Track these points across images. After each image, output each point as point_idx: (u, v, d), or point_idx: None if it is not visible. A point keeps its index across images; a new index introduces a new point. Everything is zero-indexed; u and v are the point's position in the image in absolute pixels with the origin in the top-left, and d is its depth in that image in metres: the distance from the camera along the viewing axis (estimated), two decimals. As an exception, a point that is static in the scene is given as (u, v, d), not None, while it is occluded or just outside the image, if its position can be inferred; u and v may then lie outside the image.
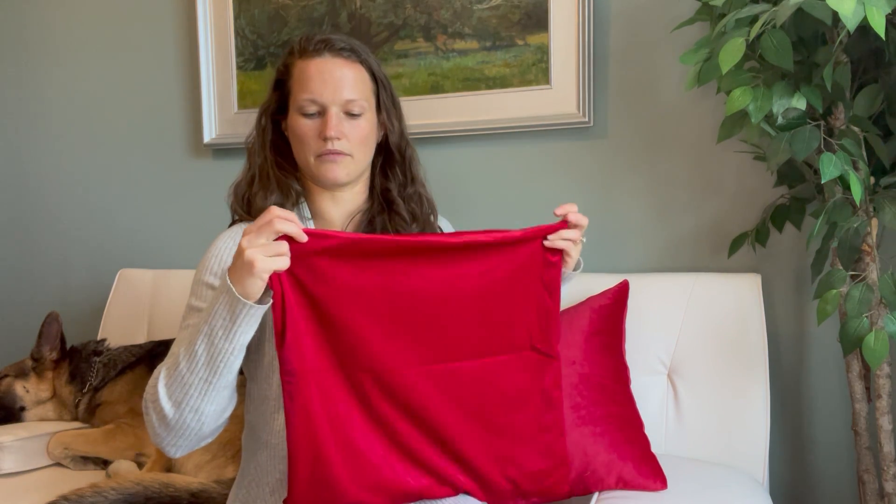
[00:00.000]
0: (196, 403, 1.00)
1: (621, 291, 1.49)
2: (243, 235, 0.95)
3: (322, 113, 1.15)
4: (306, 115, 1.15)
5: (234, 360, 0.99)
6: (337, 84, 1.15)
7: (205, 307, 1.03)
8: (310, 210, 1.22)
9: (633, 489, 1.27)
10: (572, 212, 1.09)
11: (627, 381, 1.42)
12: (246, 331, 0.98)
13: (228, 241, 1.16)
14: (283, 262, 0.94)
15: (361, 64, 1.18)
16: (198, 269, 1.16)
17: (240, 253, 0.93)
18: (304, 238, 0.96)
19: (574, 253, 1.12)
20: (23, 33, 2.40)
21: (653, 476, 1.28)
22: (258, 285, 0.94)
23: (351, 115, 1.16)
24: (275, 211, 0.94)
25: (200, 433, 1.03)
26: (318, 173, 1.17)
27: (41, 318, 1.95)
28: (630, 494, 1.26)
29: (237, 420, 1.18)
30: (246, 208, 1.21)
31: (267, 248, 0.93)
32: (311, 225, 1.21)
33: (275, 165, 1.21)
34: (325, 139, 1.14)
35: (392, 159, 1.25)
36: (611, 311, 1.46)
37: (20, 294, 2.47)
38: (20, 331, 2.41)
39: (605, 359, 1.40)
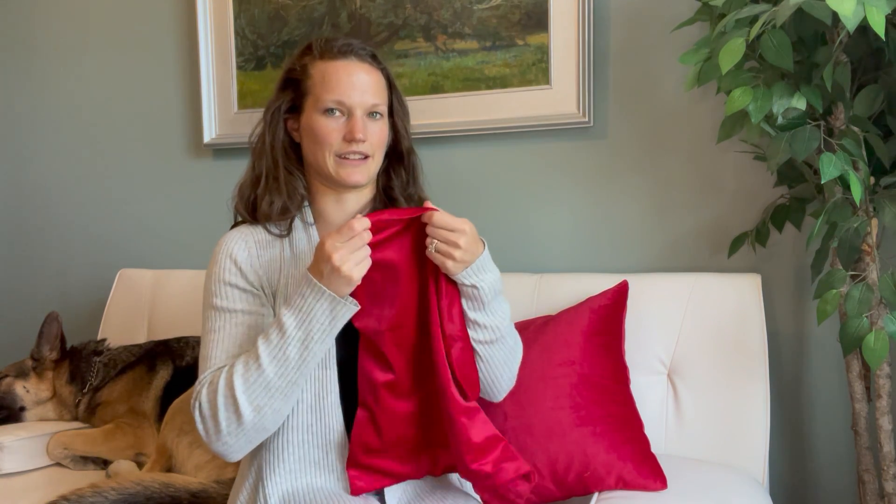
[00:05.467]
0: (279, 405, 1.06)
1: (621, 292, 1.49)
2: (323, 242, 1.03)
3: (346, 114, 1.16)
4: (329, 116, 1.16)
5: (318, 361, 1.08)
6: (364, 88, 1.16)
7: (265, 312, 1.14)
8: (312, 213, 1.23)
9: (633, 489, 1.27)
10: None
11: (627, 382, 1.42)
12: (337, 332, 1.06)
13: (240, 242, 1.18)
14: (368, 265, 1.05)
15: (381, 71, 1.21)
16: (213, 271, 1.17)
17: (327, 259, 1.01)
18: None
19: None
20: (24, 33, 2.40)
21: (652, 476, 1.28)
22: (350, 290, 1.04)
23: (372, 118, 1.18)
24: (357, 225, 1.03)
25: (269, 432, 1.10)
26: (338, 174, 1.17)
27: (41, 318, 1.95)
28: (630, 494, 1.26)
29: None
30: (250, 211, 1.21)
31: (355, 256, 1.02)
32: (313, 231, 1.22)
33: (284, 168, 1.20)
34: (352, 141, 1.15)
35: (399, 162, 1.26)
36: (610, 311, 1.46)
37: (20, 294, 2.47)
38: (20, 331, 2.41)
39: (604, 359, 1.40)
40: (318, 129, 1.16)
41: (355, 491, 1.13)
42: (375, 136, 1.18)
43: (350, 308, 1.04)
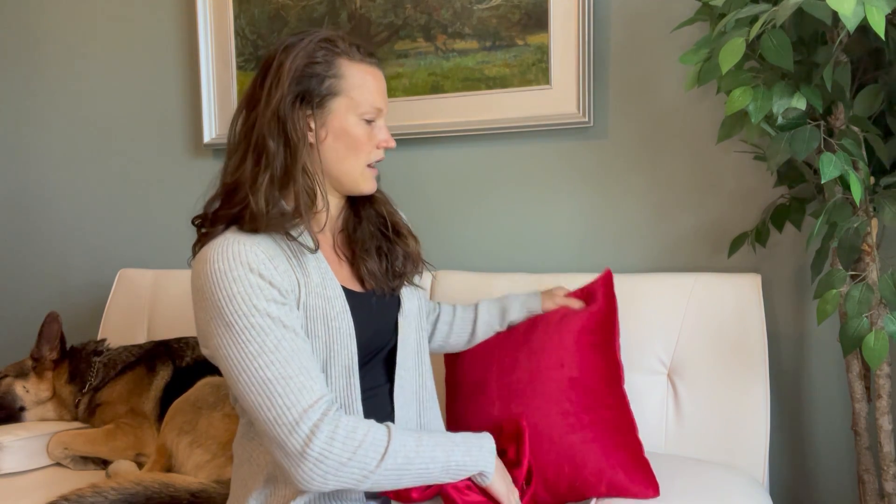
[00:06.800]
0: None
1: (606, 284, 1.41)
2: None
3: (371, 122, 1.15)
4: (368, 123, 1.14)
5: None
6: (386, 97, 1.18)
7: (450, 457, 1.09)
8: (314, 222, 1.14)
9: (625, 497, 1.24)
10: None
11: (620, 381, 1.35)
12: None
13: (251, 255, 1.04)
14: None
15: None
16: (234, 291, 1.03)
17: (510, 484, 1.15)
18: None
19: None
20: (24, 33, 2.40)
21: (644, 483, 1.24)
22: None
23: None
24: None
25: None
26: (363, 183, 1.16)
27: (41, 318, 1.95)
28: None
29: (237, 420, 1.17)
30: (268, 211, 1.07)
31: None
32: (322, 257, 1.12)
33: (318, 171, 1.13)
34: (386, 148, 1.17)
35: None
36: (600, 305, 1.38)
37: (20, 294, 2.47)
38: (20, 331, 2.41)
39: (595, 358, 1.33)
40: (357, 135, 1.13)
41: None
42: None
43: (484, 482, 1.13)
